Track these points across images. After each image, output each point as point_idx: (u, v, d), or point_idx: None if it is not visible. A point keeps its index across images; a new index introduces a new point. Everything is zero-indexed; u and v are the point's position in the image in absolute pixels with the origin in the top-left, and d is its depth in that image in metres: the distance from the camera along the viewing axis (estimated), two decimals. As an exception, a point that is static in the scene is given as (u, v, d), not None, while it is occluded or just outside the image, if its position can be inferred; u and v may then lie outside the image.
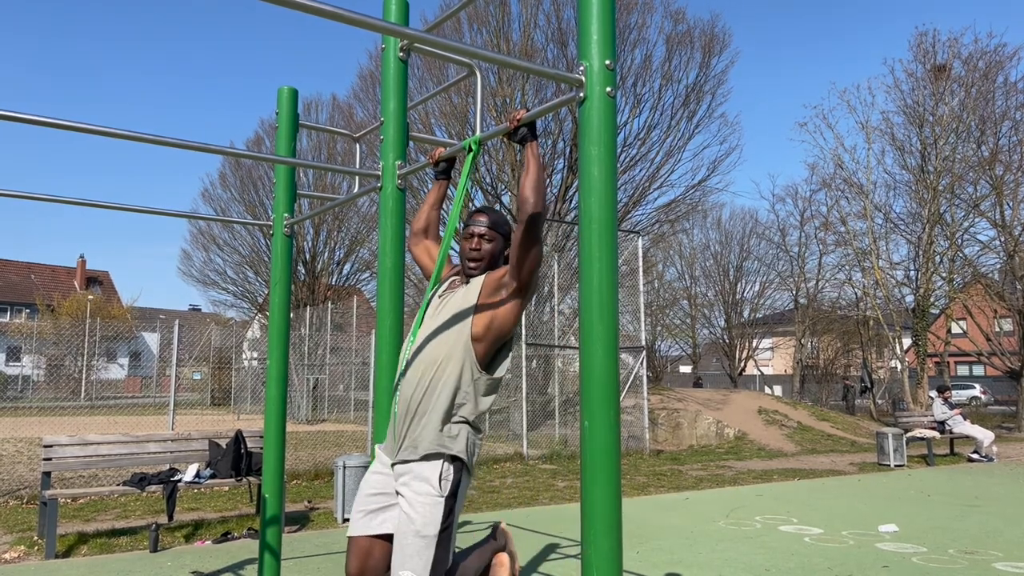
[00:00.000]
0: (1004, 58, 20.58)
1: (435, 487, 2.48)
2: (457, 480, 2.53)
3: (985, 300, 21.77)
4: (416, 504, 2.47)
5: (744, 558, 5.75)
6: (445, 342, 2.59)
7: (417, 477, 2.50)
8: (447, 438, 2.52)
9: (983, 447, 13.06)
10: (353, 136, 4.30)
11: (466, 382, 2.57)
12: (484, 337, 2.58)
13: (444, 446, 2.51)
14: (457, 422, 2.56)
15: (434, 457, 2.51)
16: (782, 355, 37.18)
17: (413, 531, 2.43)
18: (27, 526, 6.65)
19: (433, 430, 2.52)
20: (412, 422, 2.56)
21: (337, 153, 23.78)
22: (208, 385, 26.99)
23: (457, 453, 2.52)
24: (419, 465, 2.51)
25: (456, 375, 2.56)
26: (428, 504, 2.46)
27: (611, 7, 2.09)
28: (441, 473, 2.49)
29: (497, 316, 2.59)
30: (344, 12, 1.82)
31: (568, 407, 15.62)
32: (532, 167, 2.45)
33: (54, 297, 41.46)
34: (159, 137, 2.64)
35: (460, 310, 2.63)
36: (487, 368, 2.61)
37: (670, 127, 18.40)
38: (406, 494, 2.51)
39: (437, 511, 2.46)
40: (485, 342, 2.59)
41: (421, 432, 2.53)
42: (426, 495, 2.47)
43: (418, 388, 2.56)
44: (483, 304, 2.61)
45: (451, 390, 2.54)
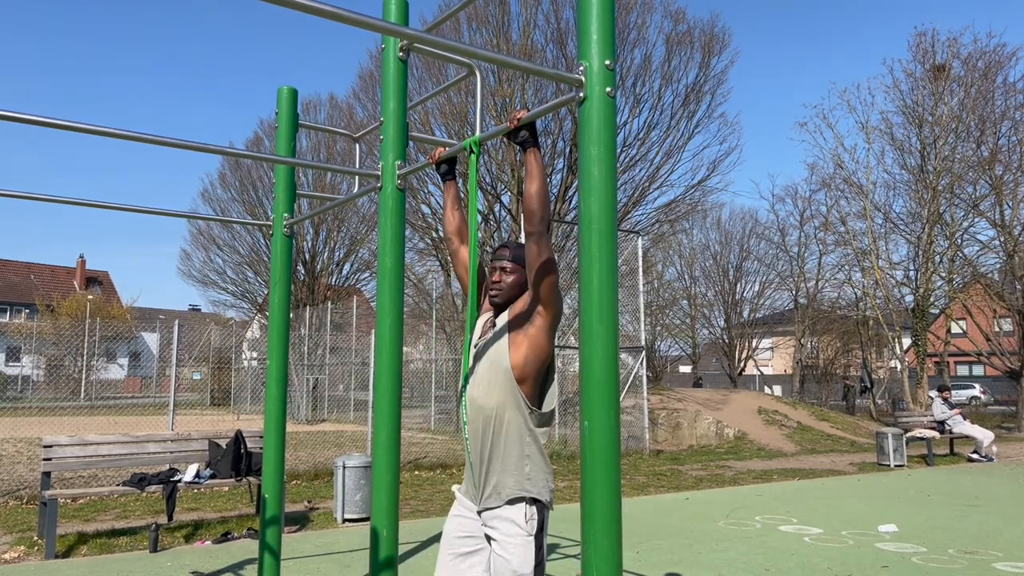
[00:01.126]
0: (1003, 58, 20.60)
1: (523, 527, 2.62)
2: (541, 518, 2.67)
3: (985, 300, 21.77)
4: (509, 546, 2.60)
5: (744, 558, 5.75)
6: (493, 391, 2.69)
7: (505, 520, 2.64)
8: (525, 481, 2.66)
9: (983, 447, 13.07)
10: (353, 136, 4.29)
11: (526, 425, 2.68)
12: (526, 375, 2.66)
13: (524, 489, 2.65)
14: (529, 463, 2.68)
15: (517, 501, 2.64)
16: (782, 355, 37.18)
17: (511, 571, 2.57)
18: (27, 526, 6.65)
19: (510, 476, 2.66)
20: (489, 470, 2.69)
21: (337, 153, 23.77)
22: (208, 385, 26.99)
23: (536, 495, 2.66)
24: (504, 510, 2.65)
25: (516, 421, 2.67)
26: (520, 544, 2.60)
27: (611, 7, 2.09)
28: (526, 515, 2.63)
29: (532, 347, 2.65)
30: (344, 12, 1.82)
31: (568, 407, 15.62)
32: (535, 175, 2.44)
33: (54, 297, 41.45)
34: (159, 137, 2.64)
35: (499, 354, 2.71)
36: (539, 403, 2.71)
37: (670, 127, 18.40)
38: (498, 538, 2.64)
39: (529, 549, 2.59)
40: (528, 380, 2.67)
41: (499, 478, 2.67)
42: (516, 536, 2.61)
43: (484, 439, 2.69)
44: (514, 340, 2.69)
45: (515, 436, 2.66)
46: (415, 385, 21.67)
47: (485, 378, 2.72)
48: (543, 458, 2.72)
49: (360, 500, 7.09)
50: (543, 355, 2.66)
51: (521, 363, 2.65)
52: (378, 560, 2.89)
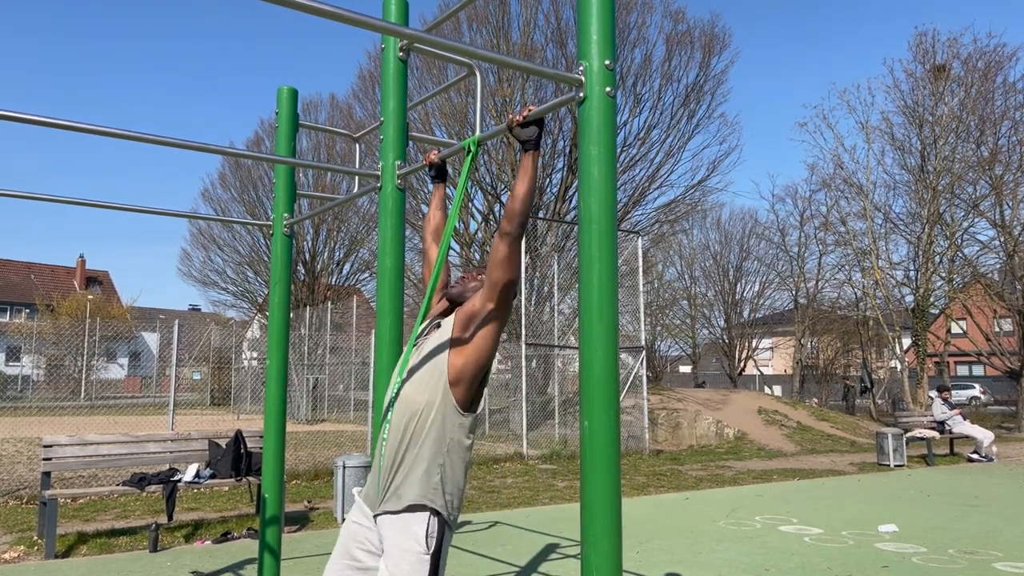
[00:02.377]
0: (1003, 58, 20.60)
1: (420, 543, 2.43)
2: (440, 536, 2.48)
3: (985, 300, 21.77)
4: (402, 562, 2.41)
5: (744, 558, 5.75)
6: (425, 389, 2.54)
7: (401, 530, 2.46)
8: (431, 490, 2.48)
9: (983, 447, 13.06)
10: (353, 136, 4.30)
11: (449, 429, 2.52)
12: (461, 379, 2.52)
13: (428, 499, 2.47)
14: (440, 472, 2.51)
15: (419, 509, 2.46)
16: (782, 355, 37.18)
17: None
18: (27, 526, 6.65)
19: (417, 480, 2.48)
20: (397, 472, 2.51)
21: (337, 153, 23.78)
22: (208, 385, 26.99)
23: (439, 508, 2.48)
24: (403, 517, 2.47)
25: (439, 424, 2.50)
26: (414, 561, 2.41)
27: (611, 7, 2.09)
28: (427, 528, 2.45)
29: (474, 351, 2.52)
30: (344, 12, 1.82)
31: (568, 407, 15.62)
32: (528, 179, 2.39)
33: (54, 297, 41.45)
34: (159, 137, 2.64)
35: (437, 355, 2.58)
36: (469, 407, 2.55)
37: (670, 127, 18.41)
38: (389, 549, 2.46)
39: (423, 568, 2.41)
40: (463, 384, 2.53)
41: (404, 481, 2.49)
42: (410, 551, 2.42)
43: (403, 438, 2.51)
44: (457, 341, 2.55)
45: (435, 439, 2.50)
46: (415, 385, 21.64)
47: (420, 376, 2.57)
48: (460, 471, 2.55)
49: (360, 500, 7.09)
50: (484, 359, 2.53)
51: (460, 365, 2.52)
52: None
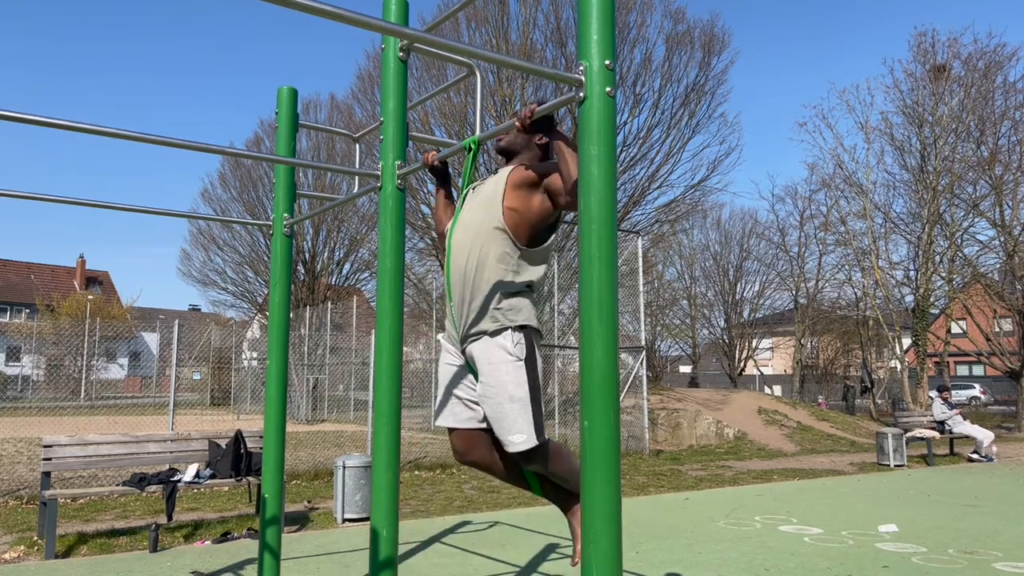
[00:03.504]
0: (1003, 58, 20.60)
1: (510, 353, 2.53)
2: (530, 343, 2.58)
3: (985, 300, 21.77)
4: (499, 372, 2.51)
5: (744, 558, 5.75)
6: (484, 222, 2.63)
7: (490, 348, 2.55)
8: (508, 311, 2.57)
9: (983, 447, 13.06)
10: (352, 136, 4.29)
11: (512, 257, 2.61)
12: (519, 213, 2.61)
13: (508, 319, 2.56)
14: (512, 294, 2.59)
15: (501, 331, 2.56)
16: (782, 355, 37.18)
17: (507, 397, 2.48)
18: (27, 526, 6.65)
19: (492, 308, 2.57)
20: (470, 305, 2.60)
21: (336, 153, 23.78)
22: (208, 385, 26.99)
23: (523, 322, 2.57)
24: (489, 339, 2.56)
25: (500, 251, 2.60)
26: (510, 369, 2.51)
27: (611, 7, 2.09)
28: (512, 339, 2.54)
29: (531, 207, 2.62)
30: (344, 12, 1.82)
31: (568, 407, 15.62)
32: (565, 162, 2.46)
33: (54, 297, 41.44)
34: (159, 137, 2.64)
35: (495, 191, 2.68)
36: (529, 243, 2.64)
37: (670, 127, 18.41)
38: (484, 368, 2.56)
39: (520, 373, 2.51)
40: (521, 218, 2.61)
41: (480, 312, 2.58)
42: (504, 362, 2.52)
43: (467, 273, 2.61)
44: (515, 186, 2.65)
45: (499, 266, 2.59)
46: (415, 385, 21.68)
47: (477, 213, 2.68)
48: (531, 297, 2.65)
49: (360, 500, 7.09)
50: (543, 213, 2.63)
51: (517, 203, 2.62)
52: (378, 560, 2.89)
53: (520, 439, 2.47)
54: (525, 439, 2.47)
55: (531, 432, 2.47)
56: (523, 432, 2.46)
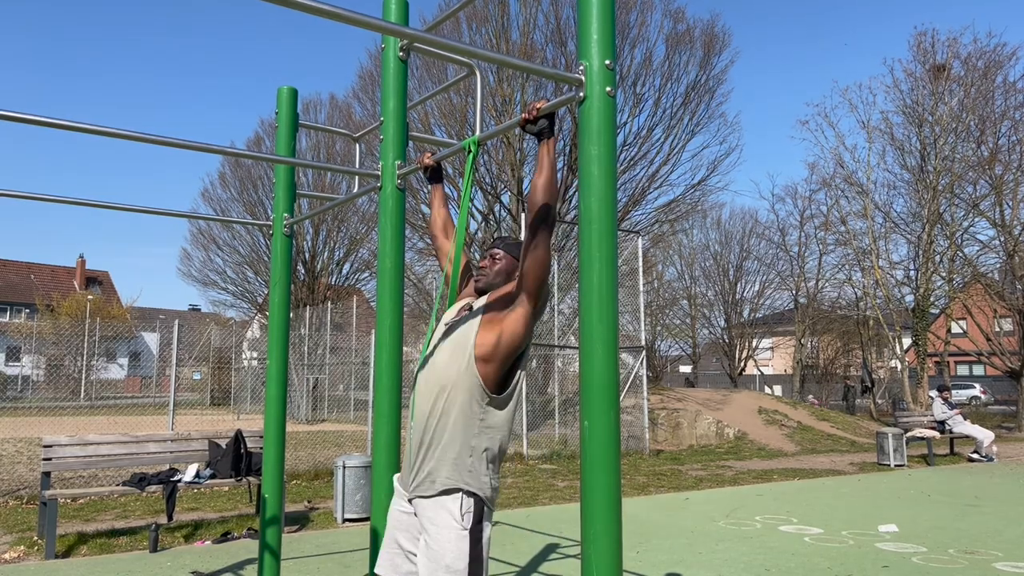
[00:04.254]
0: (1003, 58, 20.61)
1: (457, 520, 2.40)
2: (479, 514, 2.45)
3: (985, 300, 21.78)
4: (440, 539, 2.40)
5: (744, 558, 5.75)
6: (453, 366, 2.50)
7: (437, 510, 2.44)
8: (465, 472, 2.44)
9: (983, 447, 13.06)
10: (353, 136, 4.29)
11: (479, 409, 2.47)
12: (492, 356, 2.48)
13: (464, 482, 2.44)
14: (473, 456, 2.47)
15: (452, 492, 2.44)
16: (782, 355, 37.18)
17: (444, 566, 2.36)
18: (27, 526, 6.65)
19: (448, 465, 2.45)
20: (427, 453, 2.48)
21: (336, 153, 23.78)
22: (208, 385, 26.98)
23: (475, 490, 2.44)
24: (438, 500, 2.44)
25: (467, 406, 2.46)
26: (453, 539, 2.38)
27: (611, 7, 2.09)
28: (461, 507, 2.42)
29: (504, 331, 2.48)
30: (344, 12, 1.82)
31: (568, 407, 15.62)
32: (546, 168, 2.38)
33: (54, 297, 41.44)
34: (159, 137, 2.64)
35: (467, 332, 2.55)
36: (498, 390, 2.50)
37: (670, 127, 18.42)
38: (428, 528, 2.44)
39: (464, 544, 2.38)
40: (494, 362, 2.48)
41: (435, 465, 2.46)
42: (449, 529, 2.40)
43: (431, 417, 2.49)
44: (489, 321, 2.53)
45: (463, 422, 2.46)
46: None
47: (446, 356, 2.54)
48: (492, 455, 2.50)
49: (360, 500, 7.09)
50: (516, 342, 2.48)
51: (490, 343, 2.47)
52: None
53: None
54: None
55: None
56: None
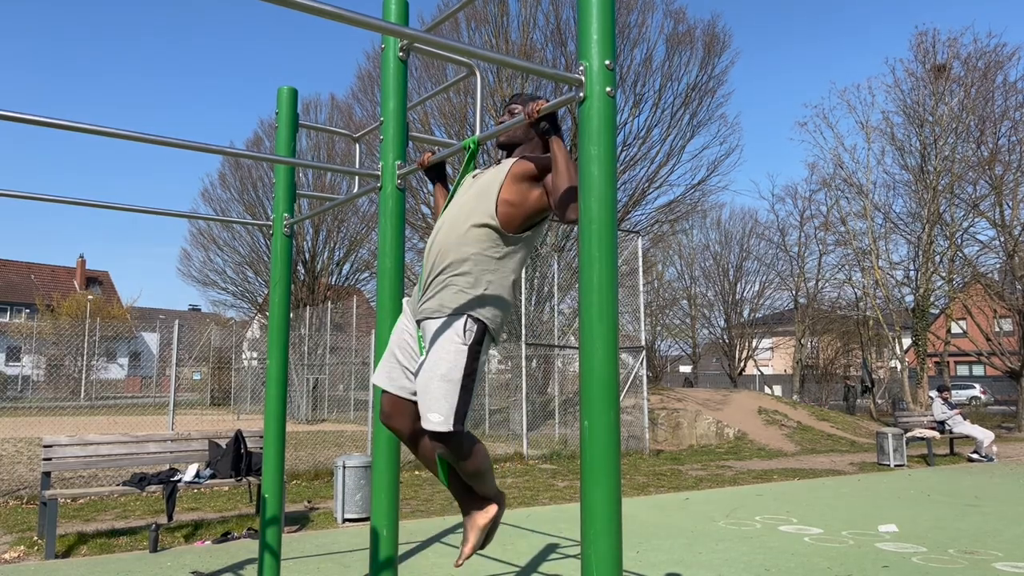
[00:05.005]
0: (1003, 58, 20.61)
1: (459, 335, 2.52)
2: (481, 336, 2.56)
3: (985, 300, 21.77)
4: (440, 351, 2.51)
5: (744, 558, 5.75)
6: (480, 205, 2.62)
7: (442, 327, 2.55)
8: (474, 300, 2.56)
9: (983, 447, 13.06)
10: (352, 136, 4.29)
11: (494, 247, 2.59)
12: (517, 204, 2.61)
13: (470, 307, 2.55)
14: (485, 288, 2.58)
15: (459, 314, 2.55)
16: (782, 355, 37.17)
17: (439, 375, 2.47)
18: (27, 526, 6.65)
19: (460, 291, 2.56)
20: (438, 277, 2.60)
21: (336, 153, 23.78)
22: (208, 385, 26.97)
23: (480, 317, 2.55)
24: (444, 320, 2.56)
25: (485, 239, 2.59)
26: (452, 351, 2.50)
27: (611, 7, 2.09)
28: (465, 326, 2.53)
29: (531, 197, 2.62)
30: (344, 12, 1.82)
31: (568, 407, 15.62)
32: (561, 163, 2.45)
33: (54, 297, 41.45)
34: (159, 137, 2.64)
35: (493, 178, 2.67)
36: (517, 230, 2.64)
37: (670, 127, 18.42)
38: (430, 341, 2.56)
39: (461, 357, 2.50)
40: (517, 209, 2.61)
41: (445, 290, 2.58)
42: (450, 342, 2.51)
43: (447, 247, 2.60)
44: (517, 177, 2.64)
45: (480, 253, 2.58)
46: (415, 385, 21.62)
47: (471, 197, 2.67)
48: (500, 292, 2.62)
49: (360, 500, 7.09)
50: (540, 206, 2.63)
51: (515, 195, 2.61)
52: (378, 560, 2.89)
53: (437, 419, 2.46)
54: (442, 421, 2.46)
55: (450, 416, 2.46)
56: (442, 413, 2.46)
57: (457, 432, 2.50)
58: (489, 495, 2.80)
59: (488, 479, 2.76)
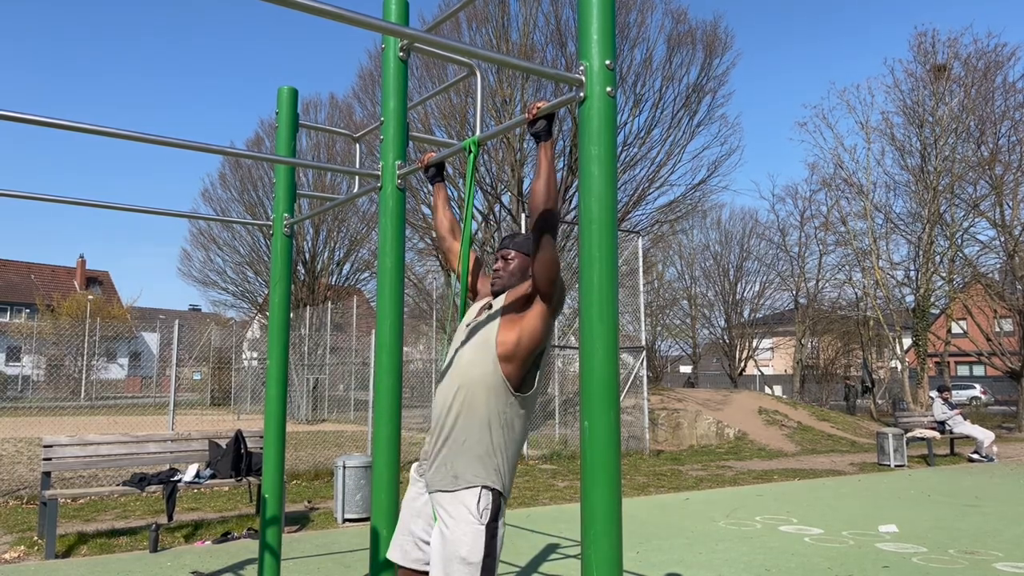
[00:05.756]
0: (1003, 58, 20.61)
1: (475, 515, 2.44)
2: (496, 509, 2.48)
3: (985, 300, 21.77)
4: (457, 532, 2.42)
5: (744, 558, 5.74)
6: (477, 365, 2.54)
7: (455, 504, 2.47)
8: (487, 469, 2.48)
9: (983, 447, 13.06)
10: (353, 136, 4.29)
11: (500, 407, 2.51)
12: (513, 355, 2.52)
13: (484, 477, 2.47)
14: (497, 456, 2.51)
15: (472, 487, 2.47)
16: (782, 355, 37.16)
17: (458, 558, 2.39)
18: (27, 526, 6.65)
19: (472, 459, 2.48)
20: (446, 447, 2.52)
21: (336, 153, 23.77)
22: (208, 385, 26.97)
23: (495, 486, 2.48)
24: (457, 494, 2.48)
25: (491, 400, 2.51)
26: (470, 533, 2.42)
27: (611, 7, 2.09)
28: (480, 502, 2.45)
29: (524, 330, 2.53)
30: (344, 12, 1.82)
31: (568, 407, 15.61)
32: (544, 170, 2.41)
33: (54, 297, 41.44)
34: (159, 137, 2.64)
35: (488, 332, 2.59)
36: (520, 388, 2.55)
37: (671, 127, 18.42)
38: (445, 520, 2.47)
39: (479, 539, 2.42)
40: (515, 362, 2.52)
41: (458, 460, 2.49)
42: (467, 524, 2.43)
43: (452, 412, 2.52)
44: (509, 320, 2.56)
45: (485, 419, 2.50)
46: (415, 385, 21.66)
47: (469, 354, 2.59)
48: (513, 452, 2.54)
49: (360, 500, 7.09)
50: (536, 340, 2.53)
51: (511, 342, 2.52)
52: (378, 560, 2.88)
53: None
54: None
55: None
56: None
57: None
58: None
59: None
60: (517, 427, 2.56)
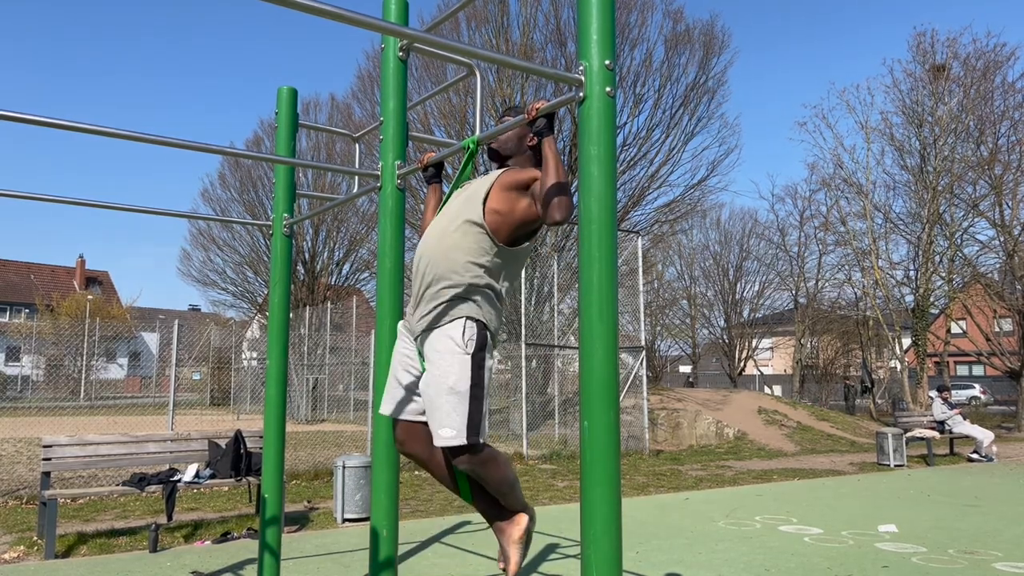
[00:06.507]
0: (1002, 58, 20.62)
1: (460, 345, 2.45)
2: (483, 339, 2.49)
3: (985, 300, 21.77)
4: (443, 363, 2.44)
5: (744, 558, 5.74)
6: (464, 213, 2.59)
7: (440, 337, 2.49)
8: (469, 304, 2.50)
9: (983, 447, 13.06)
10: (352, 136, 4.29)
11: (483, 253, 2.54)
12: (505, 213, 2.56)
13: (467, 310, 2.50)
14: (478, 293, 2.53)
15: (456, 320, 2.49)
16: (782, 355, 37.17)
17: (446, 387, 2.41)
18: (27, 526, 6.65)
19: (452, 298, 2.51)
20: (429, 289, 2.55)
21: (336, 153, 23.77)
22: (208, 385, 26.96)
23: (479, 318, 2.50)
24: (442, 329, 2.50)
25: (475, 246, 2.54)
26: (456, 363, 2.43)
27: (611, 7, 2.09)
28: (464, 332, 2.47)
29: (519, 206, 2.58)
30: (344, 12, 1.82)
31: (568, 407, 15.61)
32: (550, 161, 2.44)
33: (54, 297, 41.43)
34: (159, 137, 2.64)
35: (480, 187, 2.64)
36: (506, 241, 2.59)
37: (670, 127, 18.41)
38: (431, 355, 2.49)
39: (466, 368, 2.43)
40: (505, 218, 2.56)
41: (441, 300, 2.52)
42: (452, 354, 2.44)
43: (437, 257, 2.55)
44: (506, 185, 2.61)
45: (470, 260, 2.53)
46: (415, 385, 21.63)
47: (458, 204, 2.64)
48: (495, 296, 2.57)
49: (360, 500, 7.09)
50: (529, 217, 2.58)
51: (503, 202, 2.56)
52: (378, 560, 2.89)
53: (449, 433, 2.39)
54: (454, 434, 2.38)
55: (463, 428, 2.38)
56: (453, 427, 2.38)
57: (473, 445, 2.42)
58: (517, 508, 2.72)
59: (516, 490, 2.68)
60: (501, 276, 2.59)
